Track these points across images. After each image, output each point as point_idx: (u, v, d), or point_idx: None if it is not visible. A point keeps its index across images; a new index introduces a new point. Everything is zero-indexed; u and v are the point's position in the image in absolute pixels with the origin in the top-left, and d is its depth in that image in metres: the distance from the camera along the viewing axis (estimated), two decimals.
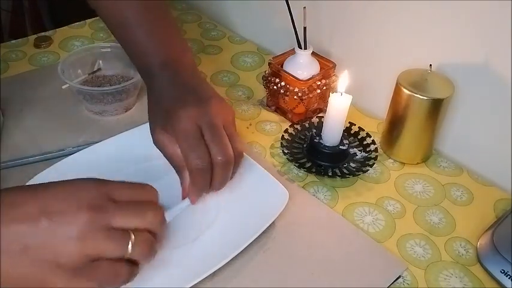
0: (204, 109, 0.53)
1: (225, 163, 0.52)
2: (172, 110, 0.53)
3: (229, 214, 0.56)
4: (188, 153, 0.51)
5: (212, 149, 0.51)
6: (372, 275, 0.52)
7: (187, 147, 0.51)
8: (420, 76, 0.63)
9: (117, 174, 0.59)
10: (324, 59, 0.73)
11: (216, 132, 0.52)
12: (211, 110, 0.53)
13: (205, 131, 0.52)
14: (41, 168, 0.59)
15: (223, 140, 0.52)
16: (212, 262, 0.49)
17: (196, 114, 0.52)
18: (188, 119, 0.51)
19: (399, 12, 0.68)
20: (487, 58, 0.61)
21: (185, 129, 0.51)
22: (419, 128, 0.64)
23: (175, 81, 0.56)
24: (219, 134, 0.52)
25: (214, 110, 0.53)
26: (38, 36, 0.89)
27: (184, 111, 0.52)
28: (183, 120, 0.51)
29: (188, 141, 0.51)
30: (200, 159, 0.51)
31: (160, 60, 0.58)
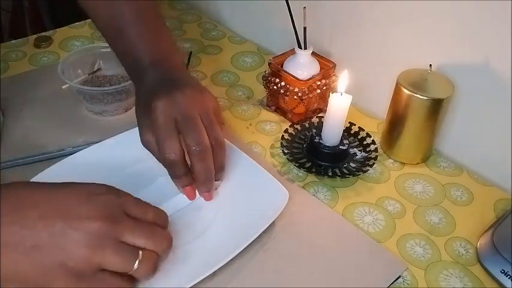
0: (177, 98, 0.51)
1: (200, 152, 0.50)
2: (148, 103, 0.51)
3: (229, 214, 0.56)
4: (159, 146, 0.51)
5: (186, 138, 0.50)
6: (372, 275, 0.52)
7: (159, 140, 0.51)
8: (420, 76, 0.63)
9: (117, 174, 0.60)
10: (324, 59, 0.73)
11: (190, 122, 0.50)
12: (186, 98, 0.51)
13: (179, 121, 0.50)
14: (41, 168, 0.59)
15: (196, 129, 0.50)
16: (212, 262, 0.49)
17: (169, 103, 0.51)
18: (160, 110, 0.50)
19: (399, 12, 0.68)
20: (487, 58, 0.61)
21: (156, 120, 0.50)
22: (419, 128, 0.64)
23: (160, 77, 0.55)
24: (192, 124, 0.50)
25: (189, 99, 0.51)
26: (38, 36, 0.89)
27: (157, 101, 0.51)
28: (156, 111, 0.50)
29: (159, 134, 0.50)
30: (170, 149, 0.50)
31: (149, 61, 0.57)
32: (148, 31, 0.59)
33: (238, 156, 0.62)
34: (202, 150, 0.51)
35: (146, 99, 0.53)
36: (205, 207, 0.57)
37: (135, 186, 0.59)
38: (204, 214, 0.56)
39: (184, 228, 0.54)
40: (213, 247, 0.52)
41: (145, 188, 0.58)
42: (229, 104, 0.77)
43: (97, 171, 0.58)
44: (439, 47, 0.65)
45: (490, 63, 0.61)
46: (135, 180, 0.59)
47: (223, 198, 0.58)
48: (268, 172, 0.60)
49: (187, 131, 0.50)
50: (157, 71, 0.56)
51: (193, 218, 0.56)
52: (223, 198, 0.58)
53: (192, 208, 0.57)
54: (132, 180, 0.59)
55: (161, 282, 0.48)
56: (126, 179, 0.59)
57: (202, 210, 0.57)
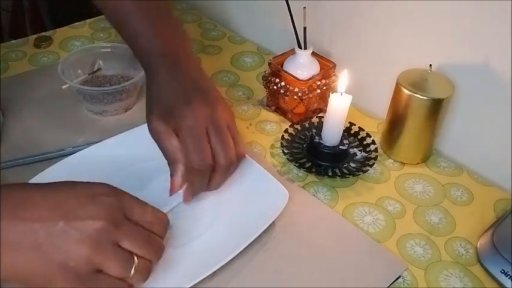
0: (211, 110, 0.53)
1: (227, 166, 0.53)
2: (178, 107, 0.53)
3: (229, 214, 0.56)
4: (192, 153, 0.51)
5: (217, 151, 0.52)
6: (372, 275, 0.52)
7: (193, 147, 0.51)
8: (420, 76, 0.63)
9: (117, 174, 0.60)
10: (324, 59, 0.73)
11: (222, 135, 0.52)
12: (217, 111, 0.53)
13: (212, 132, 0.52)
14: (41, 168, 0.59)
15: (228, 143, 0.53)
16: (212, 262, 0.49)
17: (204, 115, 0.52)
18: (196, 119, 0.52)
19: (399, 13, 0.68)
20: (487, 58, 0.61)
21: (192, 128, 0.51)
22: (419, 128, 0.64)
23: (177, 73, 0.56)
24: (224, 137, 0.52)
25: (220, 112, 0.54)
26: (38, 36, 0.89)
27: (191, 110, 0.52)
28: (191, 119, 0.52)
29: (194, 141, 0.51)
30: (203, 161, 0.51)
31: (160, 49, 0.57)
32: (157, 21, 0.60)
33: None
34: (229, 164, 0.53)
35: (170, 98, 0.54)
36: (206, 207, 0.57)
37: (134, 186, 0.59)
38: (204, 214, 0.56)
39: (184, 228, 0.54)
40: (213, 247, 0.52)
41: (145, 188, 0.58)
42: (229, 104, 0.77)
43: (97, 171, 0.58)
44: (439, 47, 0.65)
45: (490, 63, 0.61)
46: (135, 180, 0.59)
47: (223, 198, 0.58)
48: (268, 172, 0.60)
49: (220, 144, 0.52)
50: (169, 62, 0.56)
51: (193, 218, 0.56)
52: (224, 198, 0.58)
53: (192, 208, 0.57)
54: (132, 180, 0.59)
55: (161, 282, 0.48)
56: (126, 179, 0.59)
57: (202, 210, 0.57)
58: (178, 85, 0.55)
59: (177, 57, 0.57)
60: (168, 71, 0.56)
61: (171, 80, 0.55)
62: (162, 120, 0.53)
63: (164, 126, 0.53)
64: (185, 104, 0.53)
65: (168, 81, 0.55)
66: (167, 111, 0.53)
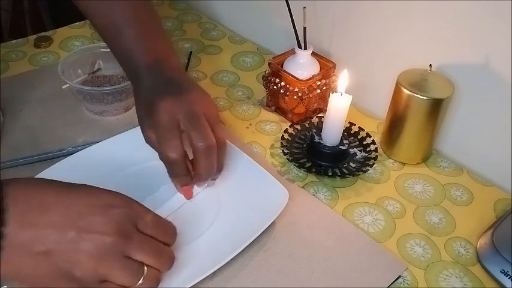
0: (181, 98, 0.52)
1: (206, 148, 0.51)
2: (151, 103, 0.52)
3: (229, 214, 0.56)
4: (162, 144, 0.51)
5: (192, 135, 0.51)
6: (372, 275, 0.52)
7: (160, 139, 0.51)
8: (420, 76, 0.63)
9: (116, 174, 0.60)
10: (324, 59, 0.73)
11: (195, 120, 0.51)
12: (190, 99, 0.52)
13: (183, 120, 0.51)
14: (41, 168, 0.59)
15: (202, 126, 0.51)
16: (212, 262, 0.49)
17: (173, 104, 0.51)
18: (164, 110, 0.51)
19: (399, 13, 0.68)
20: (487, 58, 0.61)
21: (160, 120, 0.51)
22: (419, 128, 0.64)
23: (160, 79, 0.56)
24: (198, 121, 0.51)
25: (194, 100, 0.53)
26: (38, 36, 0.89)
27: (161, 102, 0.51)
28: (159, 111, 0.51)
29: (162, 133, 0.51)
30: (172, 149, 0.51)
31: (147, 62, 0.57)
32: (145, 32, 0.60)
33: (239, 156, 0.62)
34: (208, 146, 0.51)
35: (148, 99, 0.53)
36: (206, 207, 0.57)
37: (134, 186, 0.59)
38: (204, 214, 0.56)
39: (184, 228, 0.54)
40: (213, 247, 0.52)
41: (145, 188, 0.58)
42: (229, 104, 0.77)
43: (97, 171, 0.58)
44: (439, 47, 0.65)
45: (490, 63, 0.61)
46: (135, 180, 0.59)
47: (223, 198, 0.58)
48: (268, 172, 0.60)
49: (193, 128, 0.51)
50: (157, 72, 0.56)
51: (193, 218, 0.56)
52: (224, 198, 0.58)
53: (192, 208, 0.57)
54: (132, 180, 0.59)
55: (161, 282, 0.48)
56: (126, 179, 0.59)
57: (202, 210, 0.57)
58: (158, 85, 0.55)
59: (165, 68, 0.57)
60: (153, 79, 0.56)
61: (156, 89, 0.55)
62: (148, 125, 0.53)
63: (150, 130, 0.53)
64: (158, 99, 0.52)
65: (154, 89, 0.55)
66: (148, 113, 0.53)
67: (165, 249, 0.45)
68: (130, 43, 0.59)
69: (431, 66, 0.63)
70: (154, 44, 0.60)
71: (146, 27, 0.60)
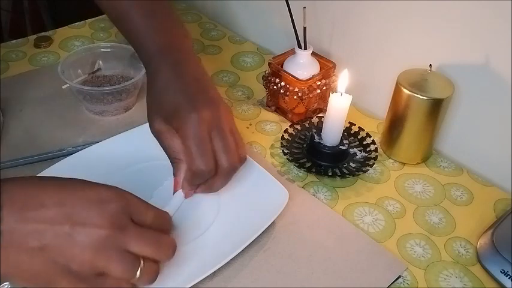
0: (214, 113, 0.53)
1: (229, 170, 0.53)
2: (182, 109, 0.52)
3: (229, 214, 0.56)
4: (196, 157, 0.51)
5: (220, 155, 0.52)
6: (372, 275, 0.52)
7: (197, 151, 0.51)
8: (420, 76, 0.63)
9: (117, 174, 0.60)
10: (324, 59, 0.73)
11: (225, 139, 0.52)
12: (220, 114, 0.53)
13: (215, 136, 0.52)
14: (41, 168, 0.59)
15: (231, 148, 0.53)
16: (212, 262, 0.49)
17: (208, 118, 0.52)
18: (201, 122, 0.51)
19: (399, 13, 0.68)
20: (487, 58, 0.61)
21: (196, 132, 0.51)
22: (419, 128, 0.64)
23: (179, 71, 0.56)
24: (228, 141, 0.52)
25: (223, 115, 0.53)
26: (38, 36, 0.89)
27: (196, 113, 0.51)
28: (194, 122, 0.51)
29: (198, 145, 0.51)
30: (206, 166, 0.51)
31: (160, 45, 0.57)
32: (157, 17, 0.60)
33: None
34: (232, 169, 0.53)
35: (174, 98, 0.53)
36: (206, 207, 0.57)
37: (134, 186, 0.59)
38: (204, 214, 0.56)
39: (184, 228, 0.54)
40: (213, 247, 0.52)
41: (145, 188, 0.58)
42: (229, 104, 0.77)
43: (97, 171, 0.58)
44: (439, 47, 0.65)
45: (490, 63, 0.61)
46: (135, 180, 0.59)
47: (223, 198, 0.58)
48: (268, 172, 0.60)
49: (223, 149, 0.52)
50: (170, 59, 0.56)
51: (193, 218, 0.56)
52: (224, 198, 0.58)
53: (192, 208, 0.57)
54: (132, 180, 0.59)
55: (161, 282, 0.48)
56: (126, 178, 0.59)
57: (202, 210, 0.57)
58: (181, 85, 0.55)
59: (179, 55, 0.57)
60: (170, 69, 0.56)
61: (173, 80, 0.55)
62: (165, 121, 0.53)
63: (167, 126, 0.53)
64: (188, 107, 0.52)
65: (171, 80, 0.55)
66: (170, 112, 0.53)
67: (164, 238, 0.45)
68: (141, 26, 0.58)
69: (431, 66, 0.63)
70: (167, 26, 0.59)
71: (157, 10, 0.60)
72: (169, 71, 0.55)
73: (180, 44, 0.58)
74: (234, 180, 0.59)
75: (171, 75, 0.55)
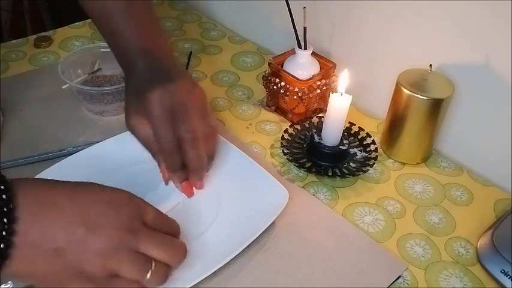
0: (170, 88, 0.52)
1: (193, 139, 0.52)
2: (142, 92, 0.52)
3: (229, 214, 0.56)
4: (157, 134, 0.52)
5: (179, 126, 0.52)
6: (372, 275, 0.52)
7: (155, 129, 0.52)
8: (420, 76, 0.63)
9: (117, 174, 0.60)
10: (324, 59, 0.73)
11: (183, 110, 0.52)
12: (178, 88, 0.53)
13: (173, 110, 0.52)
14: (41, 168, 0.59)
15: (190, 117, 0.52)
16: (212, 262, 0.49)
17: (163, 93, 0.52)
18: (156, 100, 0.51)
19: (399, 13, 0.68)
20: (487, 58, 0.61)
21: (153, 111, 0.51)
22: (419, 128, 0.64)
23: (151, 66, 0.56)
24: (185, 112, 0.52)
25: (182, 89, 0.53)
26: (38, 36, 0.89)
27: (152, 92, 0.52)
28: (152, 101, 0.52)
29: (156, 122, 0.52)
30: (168, 139, 0.51)
31: (138, 47, 0.57)
32: (136, 18, 0.60)
33: (238, 156, 0.62)
34: (194, 137, 0.52)
35: (139, 88, 0.54)
36: (206, 207, 0.57)
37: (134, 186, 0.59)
38: (204, 214, 0.56)
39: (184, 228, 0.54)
40: (213, 247, 0.52)
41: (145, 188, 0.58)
42: (229, 104, 0.77)
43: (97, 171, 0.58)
44: (439, 47, 0.65)
45: (490, 63, 0.61)
46: (135, 180, 0.59)
47: (223, 198, 0.58)
48: (268, 172, 0.60)
49: (181, 119, 0.52)
50: (148, 60, 0.56)
51: (193, 218, 0.56)
52: (224, 198, 0.58)
53: (192, 208, 0.57)
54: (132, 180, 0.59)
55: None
56: (126, 178, 0.59)
57: (202, 210, 0.57)
58: (148, 74, 0.55)
59: (155, 53, 0.57)
60: (144, 65, 0.56)
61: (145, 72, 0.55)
62: (137, 114, 0.53)
63: (139, 120, 0.53)
64: (148, 89, 0.52)
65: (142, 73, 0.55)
66: (137, 100, 0.53)
67: (175, 241, 0.46)
68: (120, 29, 0.58)
69: (431, 66, 0.63)
70: (146, 28, 0.60)
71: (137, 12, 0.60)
72: (143, 68, 0.56)
73: (158, 45, 0.59)
74: (234, 180, 0.59)
75: (144, 70, 0.55)
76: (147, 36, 0.59)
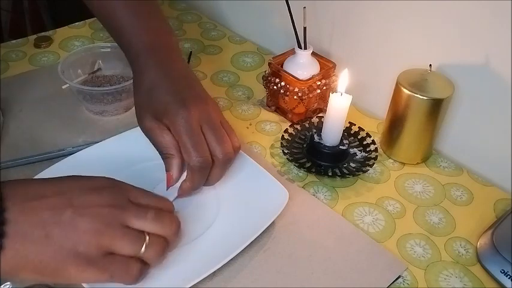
0: (203, 108, 0.54)
1: (225, 161, 0.54)
2: (172, 106, 0.53)
3: (229, 214, 0.56)
4: (191, 150, 0.52)
5: (214, 147, 0.53)
6: (372, 275, 0.52)
7: (192, 143, 0.52)
8: (420, 76, 0.63)
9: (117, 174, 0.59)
10: (324, 59, 0.73)
11: (217, 131, 0.54)
12: (209, 108, 0.55)
13: (207, 129, 0.53)
14: (41, 168, 0.59)
15: (224, 138, 0.54)
16: (212, 262, 0.49)
17: (198, 113, 0.53)
18: (191, 117, 0.53)
19: (399, 13, 0.68)
20: (487, 58, 0.61)
21: (187, 125, 0.52)
22: (419, 128, 0.64)
23: (166, 69, 0.57)
24: (220, 132, 0.54)
25: (211, 109, 0.55)
26: (38, 36, 0.89)
27: (186, 109, 0.53)
28: (186, 117, 0.52)
29: (191, 138, 0.52)
30: (203, 157, 0.52)
31: (146, 43, 0.58)
32: (142, 14, 0.60)
33: (238, 156, 0.62)
34: (227, 159, 0.54)
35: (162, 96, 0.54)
36: (205, 207, 0.57)
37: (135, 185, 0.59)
38: (204, 214, 0.56)
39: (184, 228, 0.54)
40: (213, 247, 0.52)
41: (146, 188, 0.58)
42: (229, 104, 0.77)
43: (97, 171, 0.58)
44: (439, 47, 0.65)
45: (490, 63, 0.61)
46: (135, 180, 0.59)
47: (223, 198, 0.58)
48: (268, 172, 0.60)
49: (216, 140, 0.53)
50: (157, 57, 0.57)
51: (193, 218, 0.56)
52: (224, 198, 0.58)
53: (192, 208, 0.57)
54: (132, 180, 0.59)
55: (161, 282, 0.48)
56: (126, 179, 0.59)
57: (202, 210, 0.57)
58: (169, 83, 0.56)
59: (165, 53, 0.58)
60: (157, 67, 0.57)
61: (161, 78, 0.56)
62: (155, 118, 0.54)
63: (157, 123, 0.54)
64: (178, 104, 0.53)
65: (159, 78, 0.56)
66: (160, 110, 0.54)
67: (164, 214, 0.46)
68: (127, 24, 0.59)
69: (431, 66, 0.63)
70: (152, 24, 0.60)
71: (143, 8, 0.61)
72: (157, 69, 0.56)
73: (166, 42, 0.60)
74: (234, 180, 0.59)
75: (159, 74, 0.56)
76: (153, 30, 0.60)
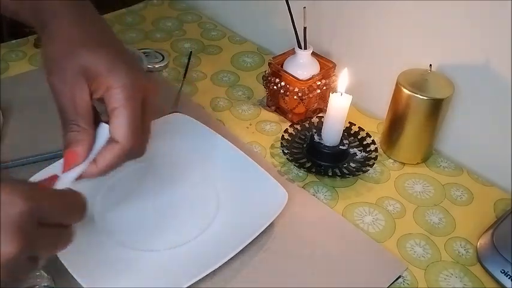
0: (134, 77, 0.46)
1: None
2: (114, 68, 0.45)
3: (229, 214, 0.56)
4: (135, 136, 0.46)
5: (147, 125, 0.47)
6: (372, 275, 0.52)
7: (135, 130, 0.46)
8: (420, 76, 0.63)
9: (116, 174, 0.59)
10: (324, 59, 0.73)
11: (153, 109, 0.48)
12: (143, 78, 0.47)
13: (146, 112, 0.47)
14: (41, 168, 0.59)
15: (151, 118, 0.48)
16: (212, 262, 0.49)
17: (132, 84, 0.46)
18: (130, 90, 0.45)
19: (399, 12, 0.68)
20: (487, 58, 0.61)
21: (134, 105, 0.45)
22: (419, 128, 0.64)
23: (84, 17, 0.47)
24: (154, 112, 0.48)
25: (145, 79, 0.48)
26: (38, 36, 0.89)
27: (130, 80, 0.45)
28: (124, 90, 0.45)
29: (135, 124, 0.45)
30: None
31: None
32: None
33: (238, 157, 0.62)
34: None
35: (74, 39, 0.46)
36: (205, 206, 0.57)
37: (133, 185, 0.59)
38: (203, 214, 0.56)
39: (184, 228, 0.54)
40: (213, 246, 0.52)
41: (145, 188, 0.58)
42: (229, 104, 0.77)
43: None
44: (439, 47, 0.65)
45: (490, 63, 0.61)
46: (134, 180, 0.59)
47: (223, 198, 0.58)
48: (267, 172, 0.59)
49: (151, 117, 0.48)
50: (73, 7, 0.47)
51: (193, 218, 0.56)
52: (223, 198, 0.58)
53: (192, 208, 0.57)
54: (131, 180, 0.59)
55: (161, 282, 0.48)
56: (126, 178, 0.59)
57: (202, 210, 0.57)
58: (88, 30, 0.46)
59: (82, 6, 0.48)
60: (74, 14, 0.47)
61: (78, 23, 0.46)
62: (79, 74, 0.45)
63: (80, 80, 0.46)
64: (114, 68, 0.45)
65: (75, 23, 0.46)
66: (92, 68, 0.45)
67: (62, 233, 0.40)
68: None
69: (431, 66, 0.63)
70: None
71: None
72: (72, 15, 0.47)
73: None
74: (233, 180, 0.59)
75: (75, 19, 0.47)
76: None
